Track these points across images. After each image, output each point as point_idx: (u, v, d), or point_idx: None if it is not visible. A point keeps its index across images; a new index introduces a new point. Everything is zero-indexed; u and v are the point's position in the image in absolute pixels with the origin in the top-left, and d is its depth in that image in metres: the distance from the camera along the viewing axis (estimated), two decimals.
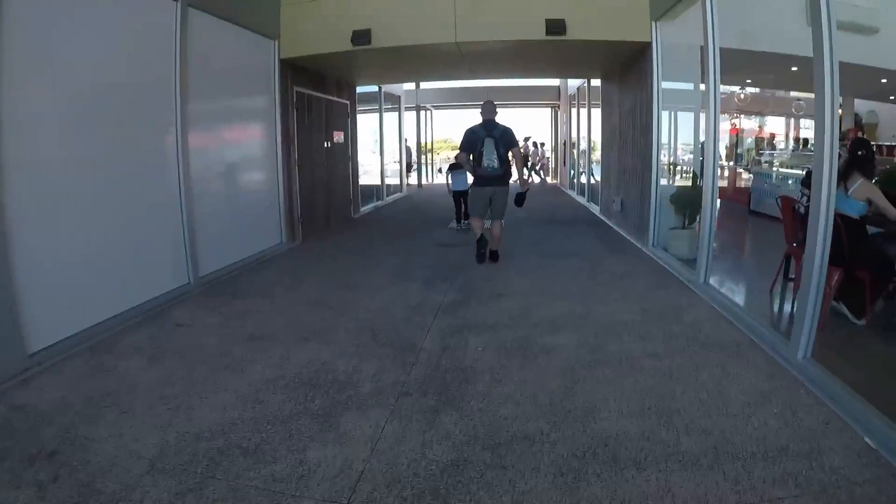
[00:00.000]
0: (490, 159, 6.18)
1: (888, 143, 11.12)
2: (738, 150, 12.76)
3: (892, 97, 11.26)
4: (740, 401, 3.13)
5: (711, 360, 3.73)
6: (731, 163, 13.27)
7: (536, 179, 20.52)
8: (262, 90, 7.33)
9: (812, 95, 3.45)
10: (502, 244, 6.84)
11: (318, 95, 8.90)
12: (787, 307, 5.07)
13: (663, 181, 7.14)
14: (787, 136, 17.74)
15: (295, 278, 6.04)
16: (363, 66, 9.06)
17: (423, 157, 19.69)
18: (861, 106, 12.29)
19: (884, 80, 8.99)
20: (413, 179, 18.33)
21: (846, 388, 3.05)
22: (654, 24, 6.76)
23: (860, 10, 7.05)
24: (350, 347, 4.00)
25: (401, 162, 15.57)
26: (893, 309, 4.68)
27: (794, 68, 8.37)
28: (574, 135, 15.42)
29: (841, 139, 10.20)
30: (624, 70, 8.48)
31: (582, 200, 13.51)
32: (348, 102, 10.47)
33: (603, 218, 10.41)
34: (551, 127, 21.79)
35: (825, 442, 2.68)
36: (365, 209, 11.75)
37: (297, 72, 8.05)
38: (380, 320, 4.60)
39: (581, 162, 14.44)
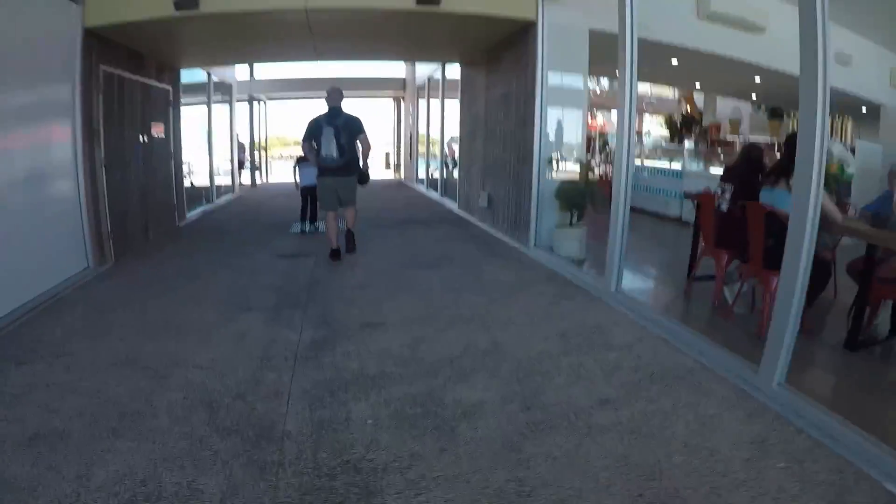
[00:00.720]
0: (328, 149, 5.82)
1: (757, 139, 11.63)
2: (598, 144, 12.79)
3: (753, 94, 11.71)
4: (738, 458, 2.41)
5: (675, 399, 2.95)
6: (591, 156, 13.33)
7: None
8: (58, 69, 5.37)
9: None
10: (361, 258, 6.24)
11: (131, 78, 6.94)
12: (706, 313, 4.68)
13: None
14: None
15: (102, 321, 4.30)
16: (189, 40, 7.27)
17: (256, 153, 17.67)
18: (725, 103, 12.82)
19: (757, 79, 9.11)
20: (246, 178, 16.35)
21: (837, 418, 2.62)
22: (540, 1, 5.94)
23: (750, 9, 6.86)
24: (179, 442, 2.55)
25: (232, 160, 13.63)
26: (821, 312, 4.40)
27: (675, 61, 8.08)
28: (423, 127, 14.48)
29: (703, 133, 10.33)
30: (493, 54, 7.63)
31: (435, 195, 12.62)
32: (170, 88, 8.46)
33: (464, 214, 9.58)
34: (394, 119, 20.80)
35: (850, 499, 2.18)
36: (192, 215, 9.81)
37: (105, 46, 6.10)
38: (217, 384, 3.15)
39: (436, 154, 13.55)
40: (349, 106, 6.18)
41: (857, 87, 7.99)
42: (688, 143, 12.95)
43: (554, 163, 6.31)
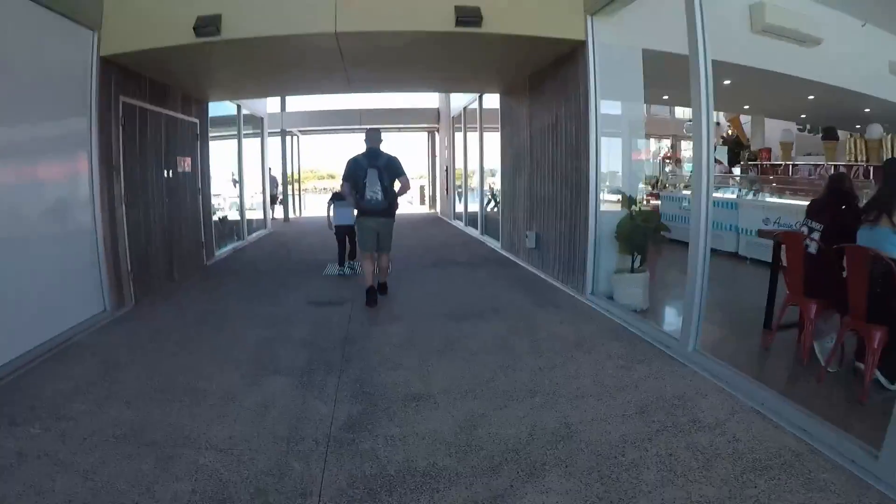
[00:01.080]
0: (374, 191, 5.67)
1: (806, 162, 10.90)
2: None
3: (802, 115, 11.00)
4: None
5: (786, 498, 2.37)
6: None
7: None
8: (73, 100, 5.11)
9: None
10: (400, 306, 5.90)
11: (155, 110, 6.68)
12: (795, 373, 4.06)
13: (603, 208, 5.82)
14: (670, 158, 17.39)
15: (110, 377, 3.88)
16: (213, 69, 6.96)
17: (289, 187, 17.51)
18: (775, 125, 12.10)
19: (811, 97, 8.44)
20: (279, 213, 16.13)
21: None
22: (588, 18, 5.46)
23: (805, 20, 6.27)
24: None
25: (264, 194, 13.38)
26: None
27: (727, 81, 7.46)
28: (460, 160, 14.04)
29: (752, 159, 9.59)
30: (536, 81, 7.16)
31: (474, 233, 12.03)
32: (197, 121, 8.21)
33: (508, 255, 8.97)
34: (428, 152, 20.48)
35: None
36: (221, 253, 9.49)
37: (125, 77, 5.86)
38: (233, 475, 2.63)
39: (474, 188, 13.05)
40: (385, 140, 5.92)
41: None
42: (735, 170, 12.22)
43: (607, 194, 5.78)
